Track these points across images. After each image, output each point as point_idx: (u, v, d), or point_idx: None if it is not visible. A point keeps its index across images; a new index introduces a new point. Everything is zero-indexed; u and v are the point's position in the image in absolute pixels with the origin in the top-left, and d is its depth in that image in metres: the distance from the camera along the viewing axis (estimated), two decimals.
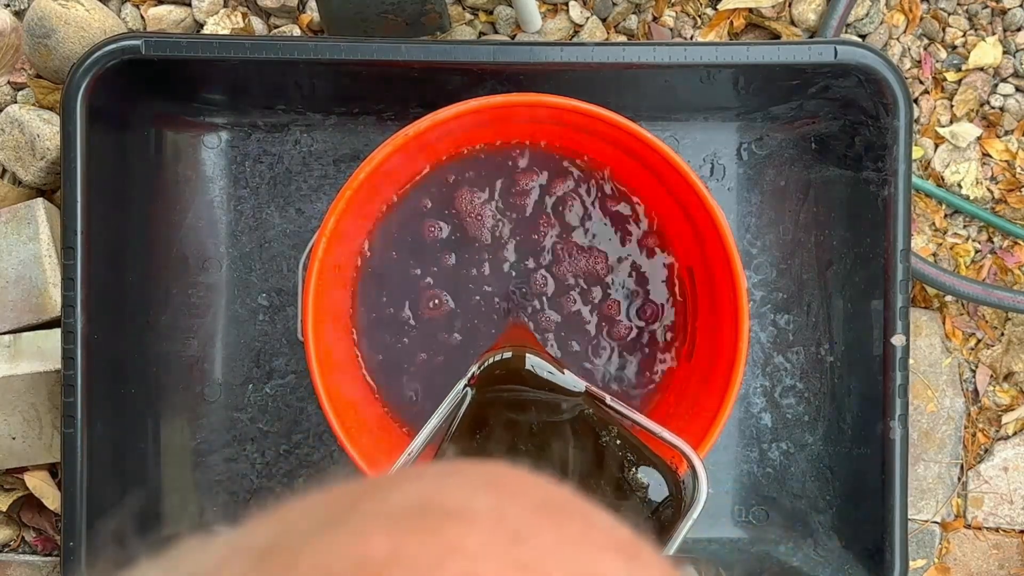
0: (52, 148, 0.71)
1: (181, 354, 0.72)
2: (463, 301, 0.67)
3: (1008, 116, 0.77)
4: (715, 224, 0.60)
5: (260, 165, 0.72)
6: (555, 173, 0.67)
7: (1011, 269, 0.78)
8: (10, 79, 0.74)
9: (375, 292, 0.67)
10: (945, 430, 0.79)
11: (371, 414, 0.66)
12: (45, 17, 0.69)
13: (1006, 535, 0.80)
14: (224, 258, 0.72)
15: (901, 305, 0.66)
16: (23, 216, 0.71)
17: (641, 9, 0.75)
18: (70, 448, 0.63)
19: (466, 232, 0.67)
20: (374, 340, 0.67)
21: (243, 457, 0.73)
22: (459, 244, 0.67)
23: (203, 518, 0.73)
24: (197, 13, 0.74)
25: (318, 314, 0.60)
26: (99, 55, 0.62)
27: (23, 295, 0.70)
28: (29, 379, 0.70)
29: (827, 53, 0.64)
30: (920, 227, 0.78)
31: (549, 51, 0.63)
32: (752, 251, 0.73)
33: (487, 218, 0.67)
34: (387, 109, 0.71)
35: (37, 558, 0.75)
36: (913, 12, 0.77)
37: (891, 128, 0.65)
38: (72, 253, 0.63)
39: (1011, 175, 0.78)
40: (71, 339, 0.63)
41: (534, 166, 0.67)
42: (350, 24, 0.67)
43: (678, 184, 0.61)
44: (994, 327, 0.79)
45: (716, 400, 0.60)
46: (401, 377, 0.67)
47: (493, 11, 0.75)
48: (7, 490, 0.74)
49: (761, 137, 0.73)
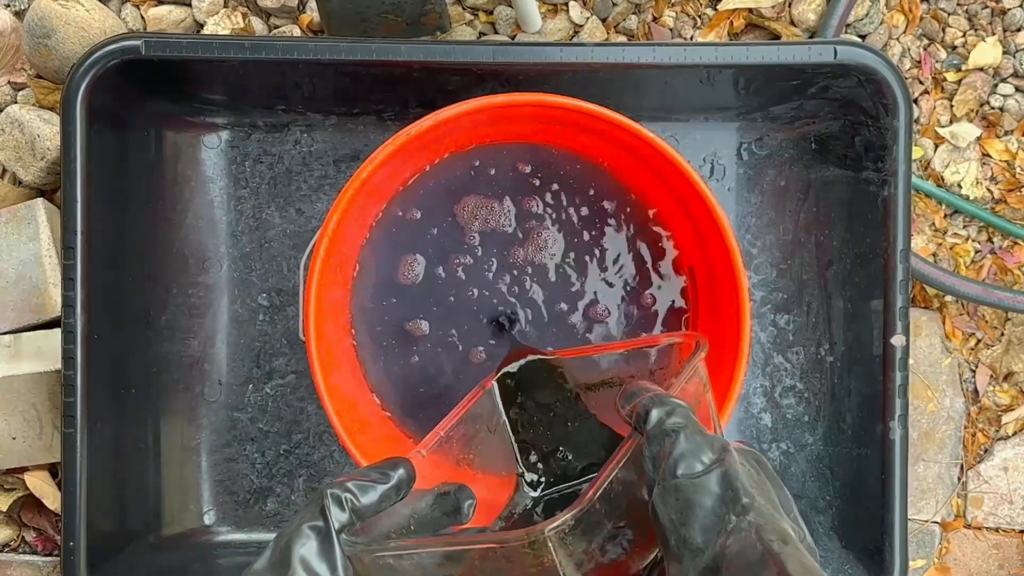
0: (52, 148, 0.71)
1: (181, 354, 0.72)
2: (463, 300, 0.67)
3: (1008, 116, 0.77)
4: (716, 224, 0.60)
5: (260, 165, 0.72)
6: (556, 172, 0.67)
7: (1011, 269, 0.78)
8: (10, 79, 0.74)
9: (376, 292, 0.67)
10: (945, 430, 0.79)
11: (371, 413, 0.66)
12: (45, 17, 0.69)
13: (1006, 535, 0.80)
14: (224, 258, 0.72)
15: (901, 305, 0.66)
16: (23, 216, 0.71)
17: (641, 9, 0.75)
18: (70, 448, 0.63)
19: (467, 231, 0.67)
20: (374, 340, 0.67)
21: (243, 457, 0.73)
22: (459, 243, 0.67)
23: (203, 518, 0.73)
24: (197, 13, 0.74)
25: (319, 314, 0.60)
26: (99, 55, 0.62)
27: (23, 295, 0.70)
28: (29, 379, 0.70)
29: (827, 53, 0.64)
30: (920, 227, 0.78)
31: (549, 51, 0.63)
32: (752, 251, 0.73)
33: (487, 217, 0.67)
34: (387, 109, 0.71)
35: (37, 558, 0.75)
36: (913, 12, 0.77)
37: (891, 128, 0.66)
38: (72, 253, 0.63)
39: (1011, 175, 0.78)
40: (71, 339, 0.63)
41: (535, 165, 0.67)
42: (350, 24, 0.67)
43: (679, 184, 0.61)
44: (994, 327, 0.79)
45: (717, 401, 0.60)
46: (401, 377, 0.67)
47: (493, 11, 0.75)
48: (7, 490, 0.74)
49: (761, 137, 0.73)
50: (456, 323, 0.67)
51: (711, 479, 0.38)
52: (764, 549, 0.35)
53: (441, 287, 0.67)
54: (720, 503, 0.37)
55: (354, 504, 0.40)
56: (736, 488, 0.37)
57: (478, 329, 0.67)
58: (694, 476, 0.38)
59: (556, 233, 0.67)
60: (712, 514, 0.37)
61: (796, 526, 0.39)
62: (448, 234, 0.67)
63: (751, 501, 0.37)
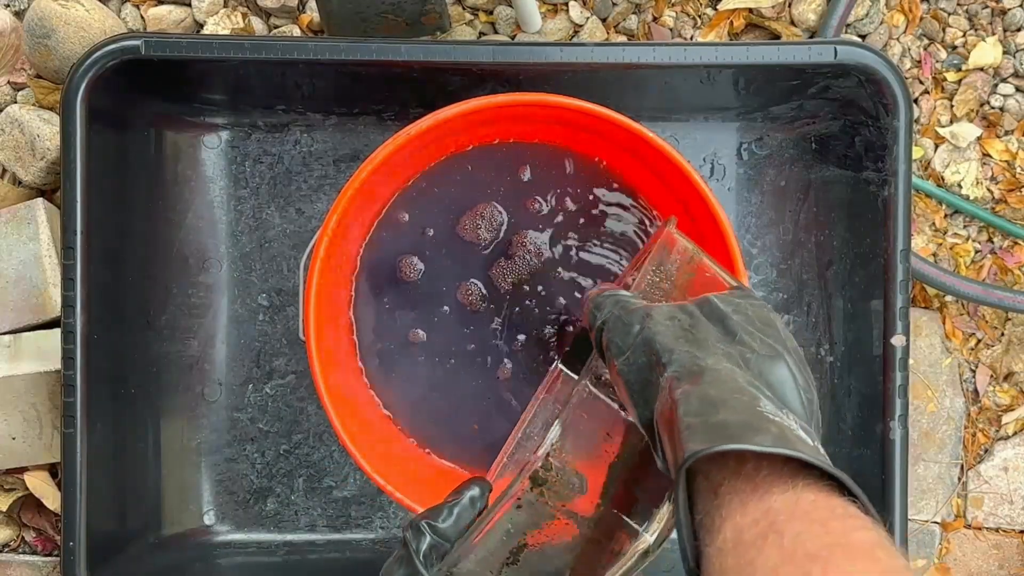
0: (52, 148, 0.71)
1: (181, 354, 0.72)
2: (463, 299, 0.67)
3: (1008, 116, 0.77)
4: (717, 223, 0.60)
5: (260, 165, 0.72)
6: (556, 172, 0.67)
7: (1011, 269, 0.78)
8: (10, 79, 0.74)
9: (375, 291, 0.67)
10: (945, 430, 0.79)
11: (371, 413, 0.66)
12: (45, 17, 0.69)
13: (1006, 535, 0.80)
14: (224, 258, 0.72)
15: (901, 305, 0.66)
16: (23, 216, 0.71)
17: (641, 9, 0.75)
18: (70, 448, 0.63)
19: (467, 231, 0.67)
20: (374, 339, 0.67)
21: (243, 457, 0.73)
22: (459, 242, 0.67)
23: (203, 518, 0.73)
24: (197, 13, 0.74)
25: (319, 313, 0.60)
26: (99, 55, 0.62)
27: (23, 295, 0.70)
28: (29, 379, 0.70)
29: (827, 53, 0.64)
30: (920, 227, 0.78)
31: (549, 51, 0.63)
32: (752, 251, 0.73)
33: (488, 217, 0.67)
34: (387, 109, 0.71)
35: (37, 558, 0.75)
36: (913, 12, 0.77)
37: (891, 128, 0.66)
38: (72, 253, 0.63)
39: (1011, 175, 0.78)
40: (71, 339, 0.63)
41: (535, 166, 0.67)
42: (350, 24, 0.67)
43: (680, 184, 0.61)
44: (994, 327, 0.79)
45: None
46: (401, 376, 0.67)
47: (493, 11, 0.75)
48: (7, 490, 0.74)
49: (761, 137, 0.73)
50: (457, 322, 0.67)
51: (637, 353, 0.40)
52: (669, 398, 0.37)
53: (443, 285, 0.67)
54: (649, 369, 0.39)
55: (433, 527, 0.42)
56: (656, 351, 0.39)
57: (479, 328, 0.67)
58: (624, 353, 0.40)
59: (557, 233, 0.67)
60: (647, 383, 0.39)
61: (742, 346, 0.39)
62: (448, 234, 0.67)
63: (669, 355, 0.39)
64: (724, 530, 0.33)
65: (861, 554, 0.30)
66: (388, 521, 0.74)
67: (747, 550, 0.31)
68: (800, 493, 0.33)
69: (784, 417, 0.36)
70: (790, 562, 0.30)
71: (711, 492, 0.34)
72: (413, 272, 0.67)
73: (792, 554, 0.30)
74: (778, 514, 0.32)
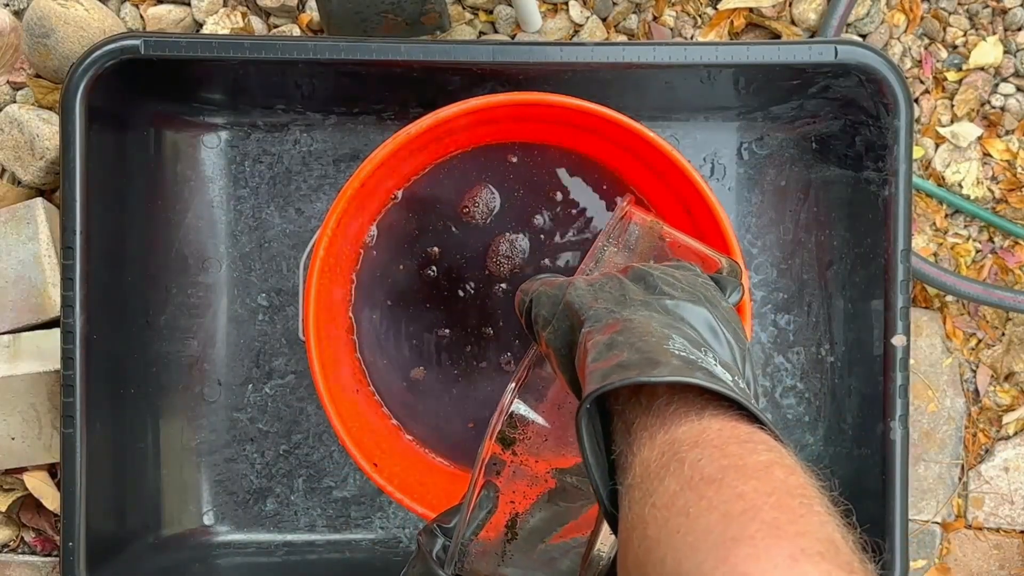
0: (51, 148, 0.71)
1: (181, 354, 0.72)
2: (463, 297, 0.67)
3: (1009, 116, 0.77)
4: (717, 223, 0.60)
5: (260, 165, 0.72)
6: (556, 172, 0.67)
7: (1012, 269, 0.78)
8: (9, 78, 0.74)
9: (375, 291, 0.66)
10: (946, 430, 0.79)
11: (371, 413, 0.66)
12: (44, 17, 0.68)
13: (1007, 535, 0.80)
14: (224, 258, 0.72)
15: (902, 305, 0.66)
16: (23, 216, 0.71)
17: (641, 9, 0.75)
18: (70, 448, 0.63)
19: (466, 230, 0.67)
20: (374, 339, 0.67)
21: (243, 457, 0.73)
22: (459, 242, 0.67)
23: (203, 518, 0.73)
24: (196, 13, 0.73)
25: (319, 313, 0.60)
26: (98, 55, 0.62)
27: (23, 295, 0.70)
28: (29, 379, 0.69)
29: (827, 53, 0.64)
30: (921, 227, 0.78)
31: (549, 51, 0.63)
32: (752, 251, 0.73)
33: (488, 217, 0.67)
34: (387, 109, 0.71)
35: (37, 558, 0.75)
36: (914, 12, 0.77)
37: (892, 128, 0.65)
38: (71, 253, 0.63)
39: (1012, 175, 0.78)
40: (70, 339, 0.63)
41: (536, 165, 0.67)
42: (350, 24, 0.67)
43: (680, 183, 0.61)
44: (995, 327, 0.79)
45: None
46: (401, 376, 0.67)
47: (493, 11, 0.75)
48: (7, 490, 0.74)
49: (761, 137, 0.73)
50: (457, 321, 0.67)
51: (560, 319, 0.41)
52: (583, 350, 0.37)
53: (442, 284, 0.67)
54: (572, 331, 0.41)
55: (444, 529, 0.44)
56: (576, 311, 0.40)
57: (479, 328, 0.67)
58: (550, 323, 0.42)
59: (557, 232, 0.67)
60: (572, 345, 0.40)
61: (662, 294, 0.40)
62: (449, 233, 0.67)
63: (587, 312, 0.40)
64: (634, 466, 0.33)
65: (757, 472, 0.30)
66: (388, 521, 0.74)
67: (651, 481, 0.31)
68: (707, 423, 0.32)
69: (701, 355, 0.36)
70: (688, 488, 0.30)
71: (625, 431, 0.34)
72: (413, 272, 0.66)
73: (690, 480, 0.30)
74: (682, 444, 0.32)
